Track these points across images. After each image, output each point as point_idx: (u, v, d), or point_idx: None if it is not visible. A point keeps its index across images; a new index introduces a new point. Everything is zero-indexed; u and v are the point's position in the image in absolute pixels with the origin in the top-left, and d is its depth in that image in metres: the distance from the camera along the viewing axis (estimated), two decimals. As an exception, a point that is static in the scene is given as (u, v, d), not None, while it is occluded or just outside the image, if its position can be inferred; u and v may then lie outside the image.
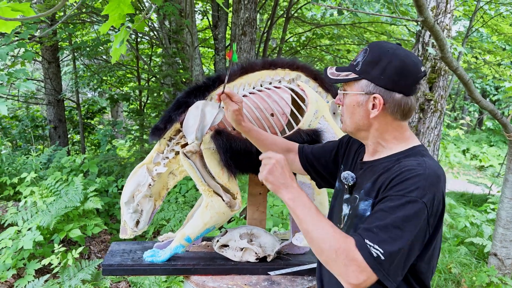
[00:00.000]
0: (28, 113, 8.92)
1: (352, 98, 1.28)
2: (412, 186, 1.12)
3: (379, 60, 1.22)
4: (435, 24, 1.61)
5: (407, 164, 1.18)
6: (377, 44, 1.27)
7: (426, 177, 1.13)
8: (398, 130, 1.29)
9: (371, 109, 1.25)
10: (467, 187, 6.74)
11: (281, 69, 2.19)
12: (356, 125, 1.31)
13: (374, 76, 1.23)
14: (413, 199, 1.10)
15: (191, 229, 2.00)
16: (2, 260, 3.32)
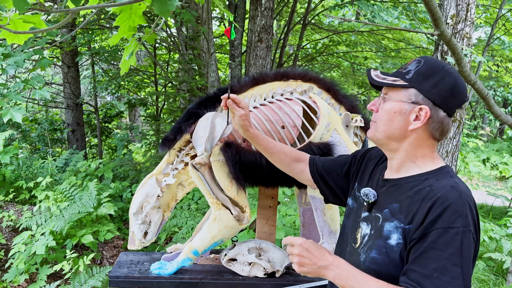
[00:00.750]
0: (47, 116, 9.06)
1: (395, 105, 1.23)
2: (454, 216, 1.09)
3: (434, 74, 1.18)
4: (452, 38, 1.56)
5: (439, 188, 1.14)
6: (431, 58, 1.24)
7: (464, 201, 1.11)
8: (430, 148, 1.24)
9: (412, 120, 1.20)
10: (487, 198, 6.56)
11: (293, 81, 2.16)
12: (391, 133, 1.25)
13: (425, 87, 1.18)
14: (459, 230, 1.07)
15: (198, 242, 1.98)
16: (15, 264, 3.35)
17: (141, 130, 7.80)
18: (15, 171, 4.72)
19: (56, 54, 8.57)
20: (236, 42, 6.97)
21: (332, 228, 2.05)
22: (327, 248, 2.04)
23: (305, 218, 2.22)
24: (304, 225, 2.23)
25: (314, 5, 7.49)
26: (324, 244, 2.06)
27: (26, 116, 9.05)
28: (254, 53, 6.23)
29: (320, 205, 2.02)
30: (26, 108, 9.65)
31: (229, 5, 7.04)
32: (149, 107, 9.32)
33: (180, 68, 7.05)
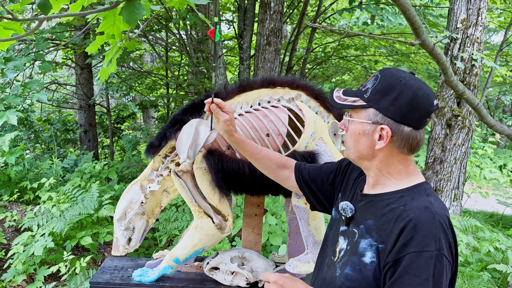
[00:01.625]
0: (60, 117, 9.20)
1: (358, 126, 1.22)
2: (427, 239, 1.06)
3: (390, 90, 1.15)
4: (435, 47, 1.51)
5: (413, 208, 1.12)
6: (388, 72, 1.20)
7: (437, 223, 1.08)
8: (403, 164, 1.21)
9: (377, 140, 1.18)
10: (498, 207, 6.41)
11: (281, 88, 2.13)
12: (360, 154, 1.24)
13: (383, 106, 1.16)
14: (433, 254, 1.05)
15: (180, 250, 1.96)
16: (14, 265, 3.40)
17: (150, 132, 7.85)
18: (21, 172, 4.80)
19: (70, 56, 8.70)
20: (245, 45, 6.96)
21: (316, 239, 2.01)
22: (311, 258, 2.00)
23: (291, 227, 2.19)
24: (290, 235, 2.19)
25: (324, 8, 7.43)
26: (308, 254, 2.02)
27: (40, 116, 9.21)
28: (262, 56, 6.21)
29: (304, 215, 1.98)
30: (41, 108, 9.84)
31: (238, 8, 7.04)
32: (160, 109, 9.40)
33: (189, 71, 7.08)
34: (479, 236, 4.65)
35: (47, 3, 1.44)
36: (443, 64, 1.58)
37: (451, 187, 5.42)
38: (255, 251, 2.20)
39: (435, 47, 1.49)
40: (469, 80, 5.22)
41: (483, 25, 5.23)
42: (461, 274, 4.01)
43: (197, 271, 2.16)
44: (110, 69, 1.71)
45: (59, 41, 6.32)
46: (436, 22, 5.76)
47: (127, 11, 1.33)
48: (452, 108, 5.33)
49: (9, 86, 6.12)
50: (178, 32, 6.73)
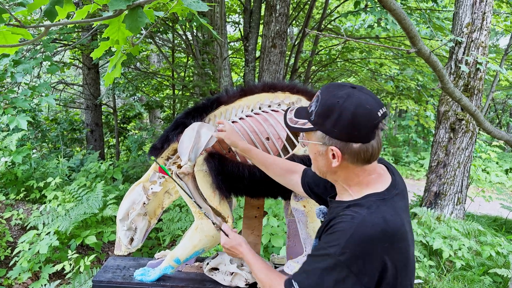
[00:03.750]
0: (67, 116, 9.30)
1: (312, 147, 1.26)
2: (334, 242, 1.12)
3: (330, 113, 1.17)
4: (431, 54, 1.54)
5: (345, 215, 1.16)
6: (327, 92, 1.20)
7: (350, 235, 1.10)
8: (362, 175, 1.23)
9: (331, 159, 1.21)
10: (502, 211, 6.40)
11: (281, 92, 2.16)
12: (320, 171, 1.29)
13: (327, 128, 1.18)
14: (331, 254, 1.11)
15: (180, 250, 2.00)
16: (20, 262, 3.46)
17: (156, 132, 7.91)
18: (28, 171, 4.87)
19: (77, 56, 8.79)
20: (250, 47, 7.01)
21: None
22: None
23: (290, 229, 2.22)
24: (289, 237, 2.23)
25: (330, 11, 7.46)
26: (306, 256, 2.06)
27: (47, 116, 9.31)
28: (267, 58, 6.25)
29: (302, 218, 2.02)
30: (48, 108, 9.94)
31: (244, 11, 7.08)
32: (166, 110, 9.47)
33: (195, 72, 7.13)
34: (481, 240, 4.66)
35: (54, 10, 1.49)
36: (439, 72, 1.60)
37: (454, 190, 5.42)
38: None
39: (431, 55, 1.52)
40: (474, 84, 5.23)
41: (488, 29, 5.23)
42: (462, 278, 4.02)
43: (197, 271, 2.20)
44: (114, 74, 1.76)
45: (66, 42, 6.40)
46: (442, 25, 5.77)
47: (130, 19, 1.37)
48: (456, 112, 5.34)
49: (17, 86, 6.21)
50: (184, 34, 6.79)
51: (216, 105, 2.13)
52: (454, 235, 4.49)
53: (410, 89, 8.40)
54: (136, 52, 1.83)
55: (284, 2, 5.93)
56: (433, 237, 4.38)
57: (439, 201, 5.47)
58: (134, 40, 1.67)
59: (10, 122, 2.79)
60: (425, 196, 5.67)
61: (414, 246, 1.28)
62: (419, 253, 4.30)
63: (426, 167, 12.63)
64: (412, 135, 14.90)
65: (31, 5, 1.52)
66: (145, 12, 1.49)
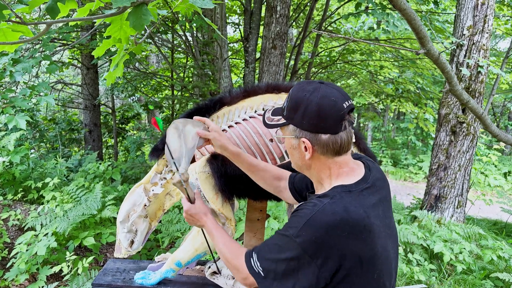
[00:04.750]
0: (66, 116, 9.25)
1: (287, 141, 1.32)
2: (293, 224, 1.17)
3: (298, 106, 1.24)
4: (440, 56, 1.51)
5: (309, 203, 1.21)
6: (296, 88, 1.28)
7: (307, 219, 1.14)
8: (334, 167, 1.28)
9: (304, 151, 1.27)
10: (502, 215, 6.38)
11: (285, 93, 2.13)
12: (297, 165, 1.35)
13: (297, 121, 1.25)
14: (288, 235, 1.17)
15: (182, 253, 1.97)
16: (17, 264, 3.41)
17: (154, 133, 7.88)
18: (26, 171, 4.82)
19: (76, 56, 8.75)
20: (250, 48, 6.98)
21: (318, 245, 2.01)
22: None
23: (294, 232, 2.19)
24: (292, 240, 2.20)
25: (330, 12, 7.44)
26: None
27: (45, 116, 9.26)
28: (268, 59, 6.22)
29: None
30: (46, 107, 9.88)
31: (244, 12, 7.06)
32: (165, 110, 9.42)
33: (194, 73, 7.10)
34: (482, 244, 4.63)
35: (55, 7, 1.46)
36: (448, 73, 1.57)
37: (455, 194, 5.40)
38: (257, 256, 2.20)
39: (440, 56, 1.49)
40: (475, 87, 5.21)
41: (490, 32, 5.22)
42: (463, 281, 3.99)
43: (198, 275, 2.16)
44: (116, 73, 1.72)
45: (66, 41, 6.36)
46: (443, 27, 5.75)
47: (134, 16, 1.34)
48: (457, 115, 5.32)
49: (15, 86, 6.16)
50: (184, 34, 6.76)
51: (219, 106, 2.10)
52: (455, 238, 4.47)
53: (410, 92, 8.39)
54: (139, 51, 1.79)
55: (285, 3, 5.91)
56: (433, 240, 4.35)
57: (439, 204, 5.44)
58: (137, 39, 1.63)
59: (9, 122, 2.75)
60: (425, 199, 5.65)
61: (390, 241, 1.26)
62: (420, 256, 4.28)
63: (424, 170, 12.62)
64: (411, 138, 14.90)
65: (32, 2, 1.48)
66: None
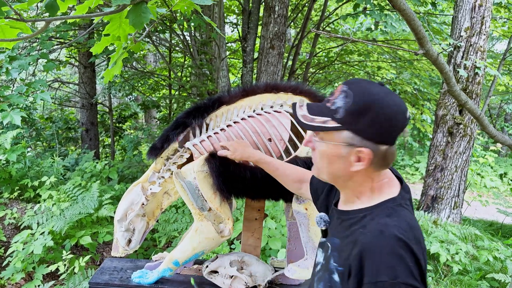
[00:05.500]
0: (62, 115, 9.22)
1: (331, 148, 1.11)
2: (380, 268, 0.98)
3: (367, 110, 1.04)
4: (439, 56, 1.51)
5: (368, 233, 1.05)
6: (359, 87, 1.08)
7: (391, 250, 0.99)
8: (376, 179, 1.15)
9: (354, 162, 1.09)
10: (498, 216, 6.40)
11: (284, 93, 2.13)
12: (335, 175, 1.16)
13: (360, 128, 1.06)
14: (386, 284, 0.97)
15: (179, 253, 1.96)
16: (13, 263, 3.40)
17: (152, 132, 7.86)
18: (22, 169, 4.80)
19: (73, 54, 8.73)
20: (248, 48, 6.98)
21: (316, 244, 2.01)
22: (310, 264, 2.00)
23: (291, 232, 2.19)
24: (289, 240, 2.19)
25: (329, 13, 7.45)
26: (308, 259, 2.02)
27: (41, 114, 9.22)
28: (266, 59, 6.22)
29: (304, 220, 1.99)
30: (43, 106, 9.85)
31: (242, 11, 7.06)
32: (163, 110, 9.41)
33: (192, 73, 7.09)
34: (478, 245, 4.65)
35: (55, 4, 1.45)
36: (446, 74, 1.58)
37: (452, 195, 5.41)
38: (254, 255, 2.20)
39: (439, 57, 1.50)
40: (472, 89, 5.23)
41: (487, 33, 5.24)
42: (459, 282, 4.00)
43: (196, 274, 2.16)
44: (114, 70, 1.72)
45: (63, 40, 6.34)
46: (440, 29, 5.77)
47: (134, 14, 1.34)
48: (454, 116, 5.34)
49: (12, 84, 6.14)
50: (182, 34, 6.75)
51: (218, 105, 2.10)
52: (451, 239, 4.48)
53: (407, 93, 8.41)
54: (138, 49, 1.79)
55: (283, 3, 5.91)
56: (430, 241, 4.36)
57: (436, 205, 5.46)
58: (136, 37, 1.63)
59: (4, 118, 2.73)
60: (422, 199, 5.66)
61: None
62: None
63: (421, 171, 12.65)
64: (407, 139, 14.93)
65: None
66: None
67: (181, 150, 2.07)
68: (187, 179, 1.93)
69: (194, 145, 2.02)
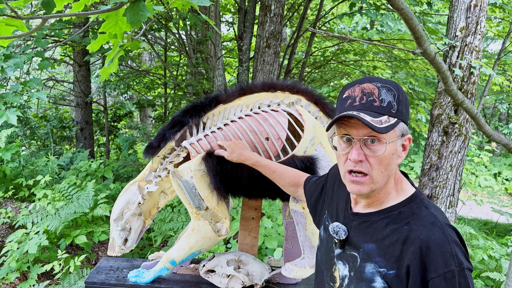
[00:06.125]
0: (57, 114, 9.17)
1: (393, 146, 1.08)
2: (445, 258, 0.98)
3: (407, 98, 1.10)
4: (436, 56, 1.51)
5: (419, 228, 1.04)
6: (382, 79, 1.11)
7: (448, 238, 1.00)
8: (397, 172, 1.15)
9: (401, 152, 1.10)
10: (492, 215, 6.44)
11: (281, 92, 2.13)
12: (388, 177, 1.11)
13: (406, 116, 1.10)
14: (455, 272, 0.97)
15: (176, 252, 1.96)
16: (7, 262, 3.38)
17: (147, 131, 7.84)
18: (17, 168, 4.77)
19: (68, 53, 8.68)
20: (244, 47, 6.97)
21: (313, 243, 2.01)
22: (307, 263, 2.00)
23: (288, 231, 2.18)
24: (287, 239, 2.19)
25: (324, 12, 7.45)
26: (305, 258, 2.02)
27: (36, 113, 9.17)
28: (262, 58, 6.22)
29: (301, 220, 1.98)
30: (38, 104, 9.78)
31: (238, 10, 7.04)
32: (158, 109, 9.38)
33: (187, 71, 7.07)
34: (473, 244, 4.67)
35: (51, 1, 1.44)
36: (443, 73, 1.58)
37: (447, 194, 5.43)
38: (251, 254, 2.20)
39: (436, 56, 1.50)
40: (467, 88, 5.25)
41: (482, 33, 5.26)
42: (454, 281, 4.02)
43: (192, 273, 2.16)
44: (111, 68, 1.71)
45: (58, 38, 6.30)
46: (436, 28, 5.79)
47: (131, 12, 1.33)
48: (449, 116, 5.36)
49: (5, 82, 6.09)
50: (178, 32, 6.73)
51: (215, 104, 2.09)
52: (447, 238, 4.49)
53: (402, 92, 8.41)
54: (135, 47, 1.78)
55: (279, 2, 5.91)
56: (425, 240, 4.37)
57: (431, 204, 5.48)
58: (132, 35, 1.62)
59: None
60: (417, 199, 5.68)
61: None
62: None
63: (416, 170, 12.69)
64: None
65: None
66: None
67: (178, 149, 2.06)
68: (184, 178, 1.92)
69: (191, 144, 2.01)
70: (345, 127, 1.09)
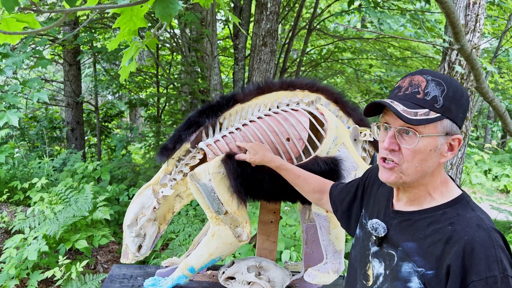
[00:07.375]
0: (47, 114, 8.96)
1: (430, 142, 1.05)
2: (488, 262, 0.94)
3: (460, 96, 1.06)
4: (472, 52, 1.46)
5: (464, 228, 1.00)
6: (438, 74, 1.07)
7: (494, 242, 0.96)
8: (443, 172, 1.12)
9: (445, 152, 1.07)
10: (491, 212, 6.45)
11: (300, 91, 2.05)
12: (424, 173, 1.08)
13: (456, 114, 1.05)
14: (497, 278, 0.93)
15: (195, 259, 1.87)
16: (6, 269, 3.24)
17: (141, 131, 7.71)
18: (10, 171, 4.62)
19: (58, 52, 8.48)
20: (240, 46, 6.88)
21: (337, 248, 1.94)
22: (331, 268, 1.93)
23: (308, 235, 2.11)
24: (307, 243, 2.12)
25: (320, 11, 7.40)
26: (327, 263, 1.95)
27: (25, 113, 8.95)
28: (258, 57, 6.15)
29: (324, 223, 1.91)
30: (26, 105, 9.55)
31: (234, 8, 6.96)
32: (150, 108, 9.22)
33: (182, 70, 6.96)
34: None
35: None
36: (477, 70, 1.53)
37: (447, 192, 5.43)
38: (270, 259, 2.12)
39: (472, 53, 1.44)
40: (466, 86, 5.23)
41: (481, 31, 5.25)
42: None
43: (210, 280, 2.07)
44: (130, 67, 1.62)
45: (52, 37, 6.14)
46: (435, 26, 5.78)
47: (161, 6, 1.24)
48: (449, 114, 5.35)
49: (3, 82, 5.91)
50: (172, 30, 6.61)
51: (232, 103, 2.01)
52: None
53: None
54: (153, 45, 1.69)
55: (275, 0, 5.83)
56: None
57: (431, 203, 5.47)
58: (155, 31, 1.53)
59: (0, 119, 2.59)
60: (417, 197, 5.66)
61: None
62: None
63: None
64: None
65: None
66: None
67: (193, 150, 1.97)
68: (202, 181, 1.84)
69: (208, 145, 1.92)
70: (385, 116, 1.12)
